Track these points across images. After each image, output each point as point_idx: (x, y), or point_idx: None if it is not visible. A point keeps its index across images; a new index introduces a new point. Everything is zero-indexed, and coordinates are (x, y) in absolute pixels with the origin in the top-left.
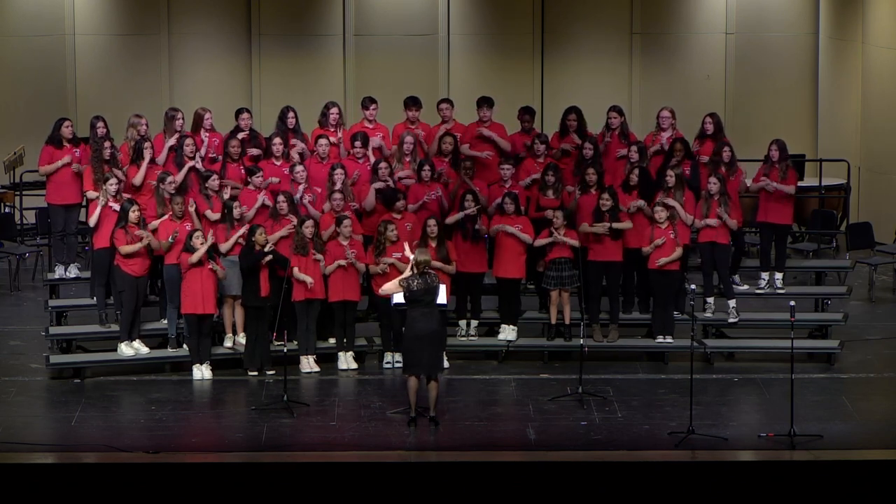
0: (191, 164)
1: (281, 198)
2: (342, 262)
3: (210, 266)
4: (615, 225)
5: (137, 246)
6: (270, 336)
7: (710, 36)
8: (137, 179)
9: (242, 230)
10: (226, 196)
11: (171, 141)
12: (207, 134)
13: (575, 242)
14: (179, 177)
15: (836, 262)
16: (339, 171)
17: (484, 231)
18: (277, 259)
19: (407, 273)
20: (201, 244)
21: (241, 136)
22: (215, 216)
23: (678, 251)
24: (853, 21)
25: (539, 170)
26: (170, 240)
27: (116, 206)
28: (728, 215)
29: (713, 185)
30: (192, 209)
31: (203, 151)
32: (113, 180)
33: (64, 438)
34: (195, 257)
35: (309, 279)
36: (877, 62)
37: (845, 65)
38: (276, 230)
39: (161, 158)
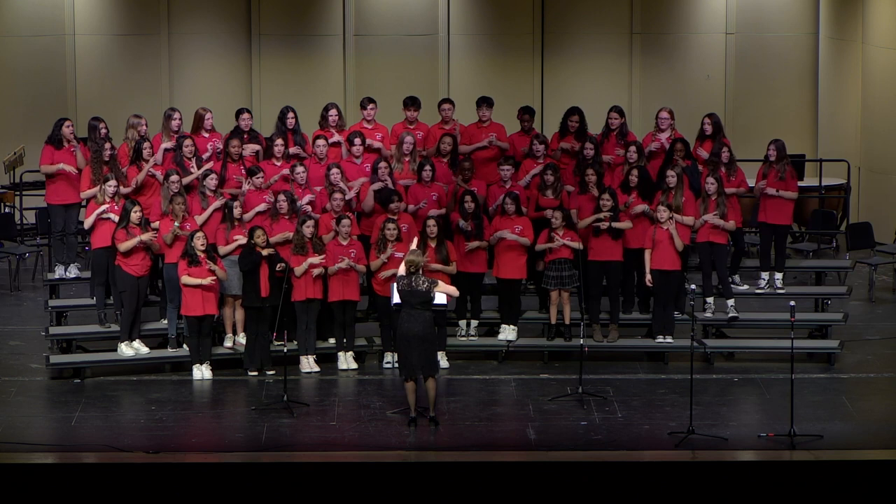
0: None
1: (282, 197)
2: (342, 265)
3: (210, 273)
4: (615, 224)
5: (135, 241)
6: (270, 336)
7: (710, 36)
8: (138, 179)
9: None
10: (247, 187)
11: (167, 144)
12: (210, 135)
13: (576, 245)
14: (186, 180)
15: (836, 262)
16: (335, 170)
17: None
18: (277, 262)
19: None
20: (202, 245)
21: (249, 150)
22: (203, 218)
23: (680, 244)
24: (853, 21)
25: (541, 166)
26: (176, 225)
27: (114, 217)
28: (726, 216)
29: (710, 185)
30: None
31: (208, 155)
32: (112, 182)
33: (64, 438)
34: (191, 282)
35: (311, 260)
36: (877, 62)
37: (845, 65)
38: (276, 229)
39: (158, 158)
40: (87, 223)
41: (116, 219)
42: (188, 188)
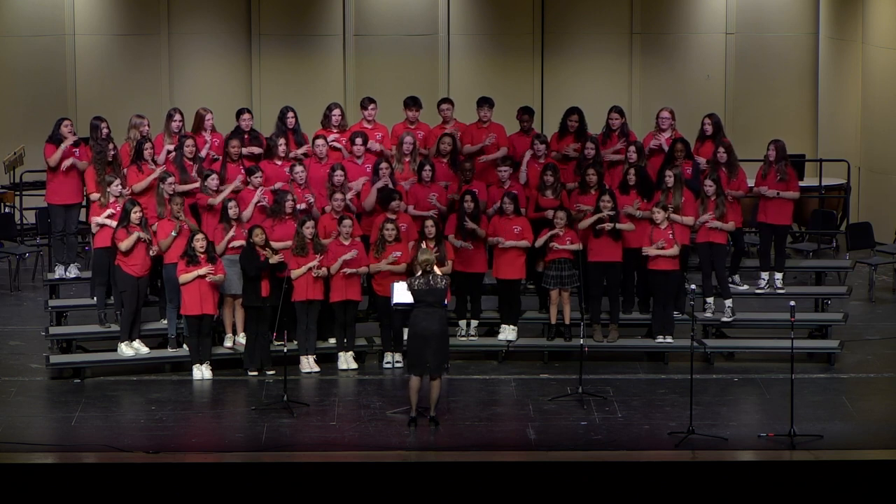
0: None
1: (289, 197)
2: (347, 256)
3: (208, 278)
4: (618, 226)
5: (133, 237)
6: (270, 336)
7: (710, 36)
8: (140, 186)
9: (231, 233)
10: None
11: (169, 146)
12: (211, 135)
13: (576, 246)
14: (184, 188)
15: (836, 262)
16: (338, 171)
17: (481, 233)
18: (278, 265)
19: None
20: (202, 248)
21: (249, 150)
22: (219, 199)
23: (675, 248)
24: (853, 21)
25: (539, 170)
26: (172, 234)
27: (112, 223)
28: (725, 216)
29: (709, 186)
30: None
31: (204, 152)
32: (116, 182)
33: (64, 438)
34: (188, 277)
35: (312, 264)
36: (877, 62)
37: (845, 65)
38: (278, 229)
39: (160, 159)
40: (94, 225)
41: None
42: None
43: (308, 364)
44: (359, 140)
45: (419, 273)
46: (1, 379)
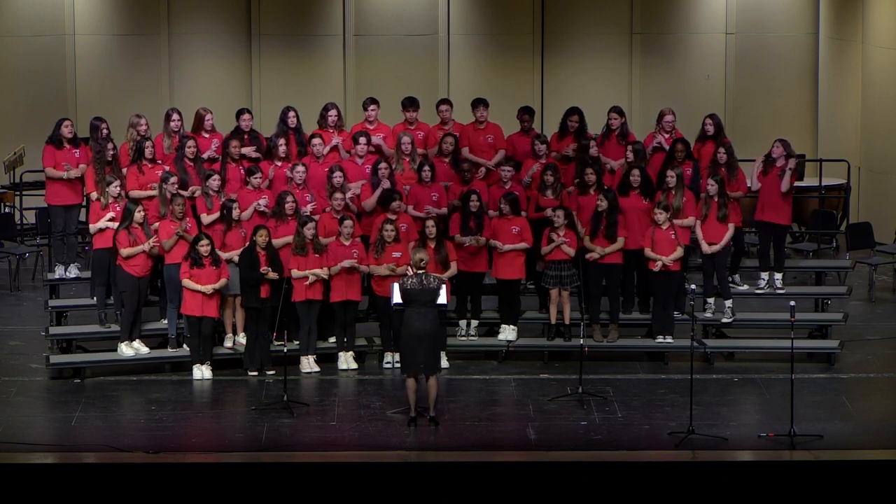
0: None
1: (290, 198)
2: (346, 263)
3: (211, 289)
4: (608, 249)
5: (138, 249)
6: (270, 336)
7: (710, 36)
8: (137, 195)
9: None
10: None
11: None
12: (214, 135)
13: (571, 251)
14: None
15: (836, 262)
16: (337, 172)
17: (482, 241)
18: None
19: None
20: (206, 252)
21: (246, 150)
22: (210, 219)
23: (679, 251)
24: (853, 21)
25: (539, 170)
26: (177, 232)
27: (113, 225)
28: (727, 217)
29: (711, 186)
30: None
31: (207, 154)
32: (116, 182)
33: (64, 438)
34: (192, 286)
35: (315, 272)
36: (877, 62)
37: (845, 65)
38: (281, 229)
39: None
40: (93, 228)
41: (115, 225)
42: (186, 188)
43: (308, 364)
44: (363, 139)
45: (411, 273)
46: (1, 379)
